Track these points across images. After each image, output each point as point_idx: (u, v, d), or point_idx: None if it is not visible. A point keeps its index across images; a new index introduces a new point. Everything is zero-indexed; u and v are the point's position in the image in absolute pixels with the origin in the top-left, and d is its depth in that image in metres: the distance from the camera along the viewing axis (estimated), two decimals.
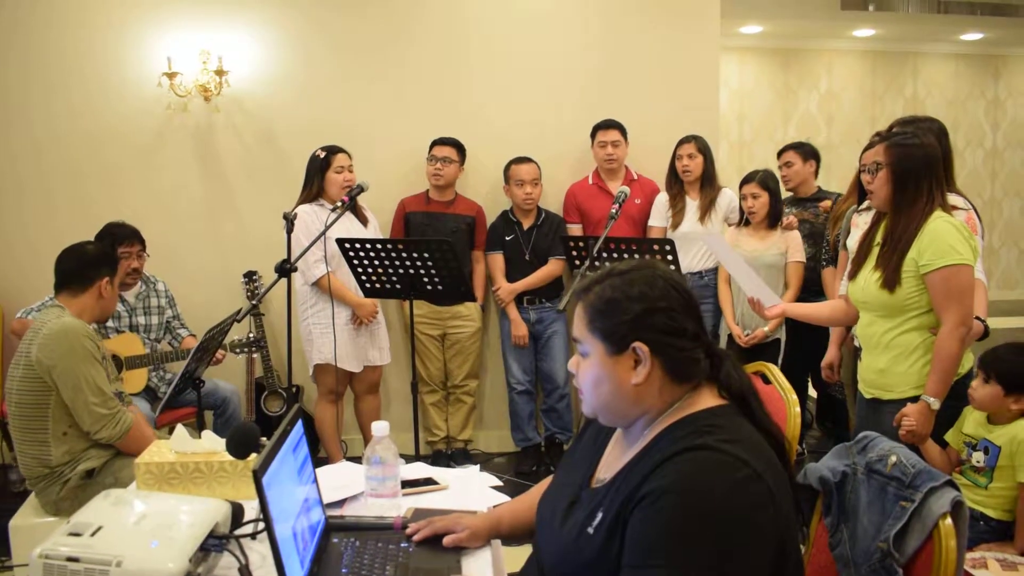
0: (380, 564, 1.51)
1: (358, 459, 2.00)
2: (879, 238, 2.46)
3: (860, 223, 3.02)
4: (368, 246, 3.24)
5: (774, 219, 3.83)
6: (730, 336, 3.88)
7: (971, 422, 2.52)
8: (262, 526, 1.60)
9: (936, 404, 2.34)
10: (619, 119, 4.21)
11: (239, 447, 1.79)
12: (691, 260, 4.04)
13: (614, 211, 3.24)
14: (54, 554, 1.32)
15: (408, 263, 3.24)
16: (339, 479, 1.96)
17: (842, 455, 1.67)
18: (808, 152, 4.22)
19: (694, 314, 1.32)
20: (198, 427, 3.50)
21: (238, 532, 1.57)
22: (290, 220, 3.33)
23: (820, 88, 8.79)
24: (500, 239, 4.22)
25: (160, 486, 1.91)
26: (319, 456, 3.96)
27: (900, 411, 2.40)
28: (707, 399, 1.31)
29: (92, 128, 4.18)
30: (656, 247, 3.31)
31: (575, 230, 4.25)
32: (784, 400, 1.91)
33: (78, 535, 1.36)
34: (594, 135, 4.24)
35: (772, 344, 3.82)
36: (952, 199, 2.53)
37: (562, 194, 4.36)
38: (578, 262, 3.46)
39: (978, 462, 2.45)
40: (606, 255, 3.24)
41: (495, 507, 1.78)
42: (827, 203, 4.09)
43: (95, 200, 4.17)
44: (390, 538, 1.62)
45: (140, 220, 3.71)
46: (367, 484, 1.80)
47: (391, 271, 3.28)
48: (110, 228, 3.56)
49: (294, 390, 4.10)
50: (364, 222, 3.88)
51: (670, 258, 3.21)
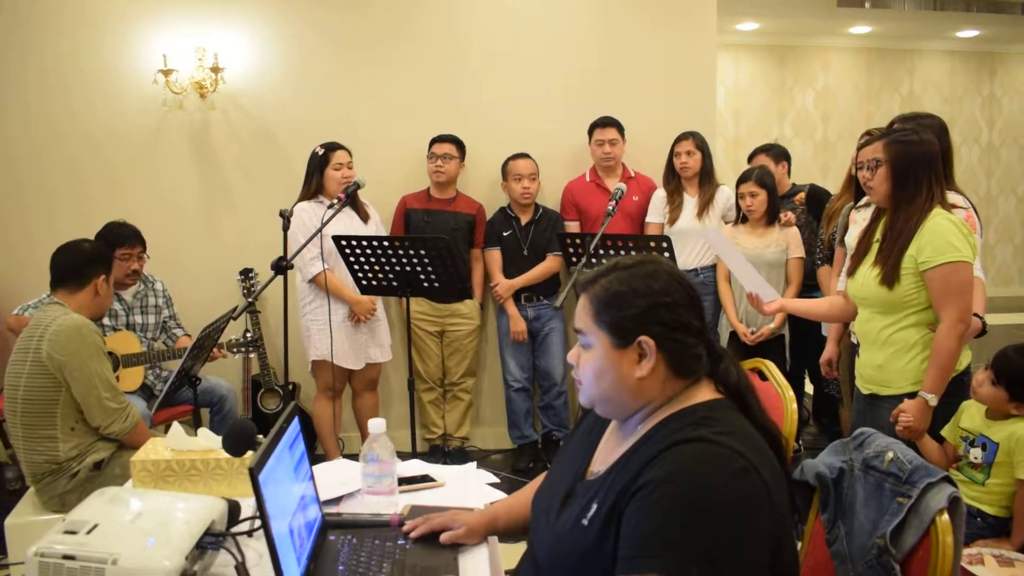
0: (377, 561, 1.51)
1: (355, 456, 2.00)
2: (879, 234, 2.46)
3: (859, 219, 3.02)
4: (364, 243, 3.23)
5: (772, 216, 3.83)
6: (732, 333, 3.87)
7: (968, 417, 2.52)
8: (258, 523, 1.59)
9: (933, 400, 2.35)
10: (616, 116, 4.21)
11: (235, 445, 1.79)
12: (687, 257, 4.03)
13: (611, 208, 3.25)
14: (50, 552, 1.31)
15: (404, 260, 3.23)
16: (336, 476, 1.96)
17: (839, 451, 1.66)
18: (779, 153, 4.28)
19: (697, 310, 1.33)
20: (194, 425, 3.48)
21: (234, 530, 1.57)
22: (287, 217, 3.32)
23: (816, 85, 8.78)
24: (498, 235, 4.22)
25: (156, 484, 1.91)
26: (316, 453, 3.96)
27: (897, 407, 2.40)
28: (704, 393, 1.32)
29: (88, 125, 4.17)
30: (653, 244, 3.31)
31: (572, 227, 4.25)
32: (781, 397, 1.92)
33: (74, 533, 1.36)
34: (591, 133, 4.23)
35: (776, 340, 3.81)
36: (952, 198, 2.52)
37: (560, 191, 4.36)
38: (575, 259, 3.46)
39: (975, 458, 2.46)
40: (603, 252, 3.24)
41: (491, 504, 1.78)
42: (801, 195, 4.14)
43: (91, 197, 4.16)
44: (387, 535, 1.61)
45: (136, 217, 3.69)
46: (364, 481, 1.80)
47: (387, 268, 3.28)
48: (111, 228, 3.52)
49: (290, 387, 4.10)
50: (365, 218, 3.87)
51: (667, 255, 3.21)
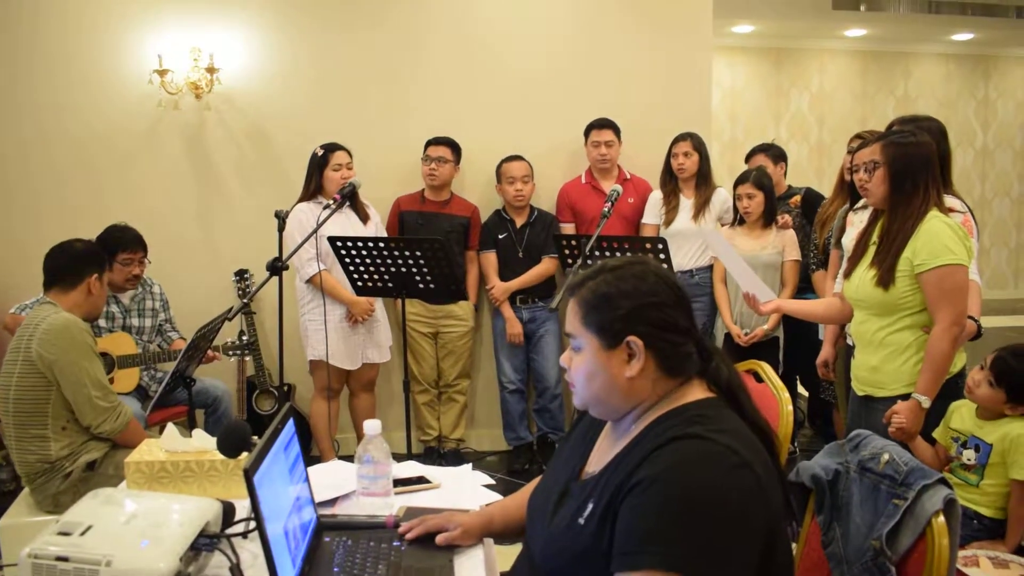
0: (372, 563, 1.51)
1: (350, 458, 2.00)
2: (875, 237, 2.46)
3: (856, 221, 3.02)
4: (360, 244, 3.23)
5: (769, 218, 3.83)
6: (727, 335, 3.87)
7: (959, 418, 2.52)
8: (253, 525, 1.59)
9: (927, 403, 2.35)
10: (612, 118, 4.21)
11: (230, 446, 1.78)
12: (683, 258, 4.03)
13: (607, 210, 3.25)
14: (43, 553, 1.31)
15: (400, 262, 3.23)
16: (331, 478, 1.95)
17: (835, 453, 1.67)
18: (777, 154, 4.27)
19: (685, 309, 1.34)
20: (189, 426, 3.48)
21: (229, 531, 1.56)
22: (282, 218, 3.32)
23: (812, 88, 8.80)
24: (493, 238, 4.22)
25: (150, 485, 1.90)
26: (311, 455, 3.95)
27: (890, 408, 2.41)
28: (696, 392, 1.33)
29: (83, 125, 4.15)
30: (648, 245, 3.31)
31: (568, 229, 4.25)
32: (777, 398, 1.92)
33: (67, 534, 1.35)
34: (587, 134, 4.23)
35: (771, 342, 3.81)
36: (949, 201, 2.53)
37: (555, 193, 4.36)
38: (571, 260, 3.46)
39: (968, 460, 2.46)
40: (599, 254, 3.24)
41: (487, 506, 1.77)
42: (796, 198, 4.13)
43: (86, 197, 4.14)
44: (382, 537, 1.61)
45: (131, 218, 3.68)
46: (359, 483, 1.79)
47: (383, 269, 3.27)
48: (113, 232, 3.50)
49: (286, 389, 4.09)
50: (365, 219, 3.87)
51: (662, 256, 3.21)
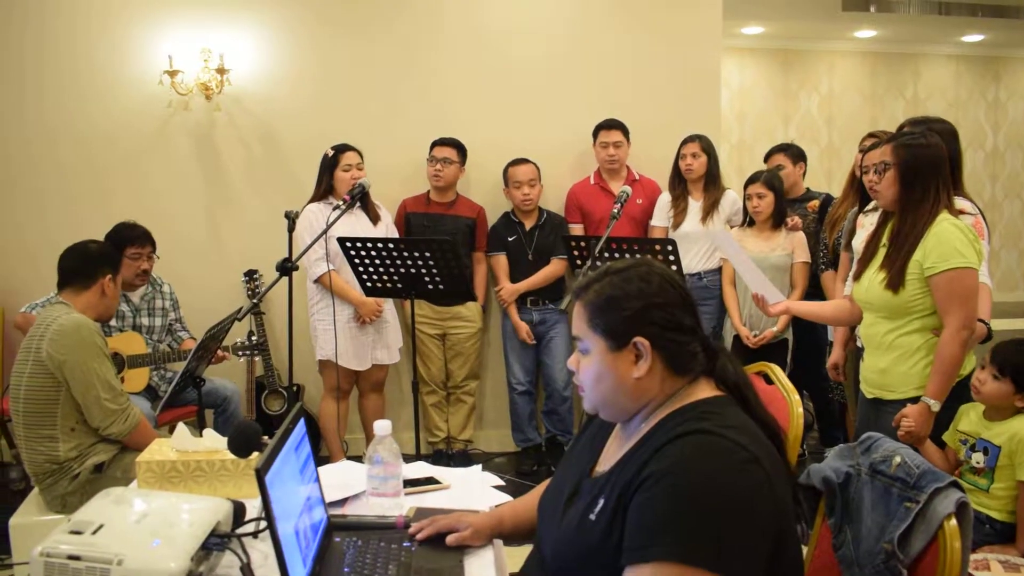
0: (383, 563, 1.51)
1: (359, 459, 2.00)
2: (885, 239, 2.46)
3: (866, 224, 3.01)
4: (369, 245, 3.24)
5: (779, 219, 3.81)
6: (736, 337, 3.86)
7: (967, 420, 2.51)
8: (264, 525, 1.59)
9: (936, 406, 2.34)
10: (621, 119, 4.20)
11: (241, 446, 1.78)
12: (691, 261, 4.01)
13: (616, 211, 3.25)
14: (55, 552, 1.31)
15: (409, 262, 3.23)
16: (341, 478, 1.96)
17: (846, 456, 1.66)
18: (797, 154, 4.22)
19: (690, 309, 1.35)
20: (199, 426, 3.49)
21: (240, 531, 1.56)
22: (292, 219, 3.33)
23: (821, 89, 8.77)
24: (502, 240, 4.21)
25: (161, 485, 1.91)
26: (320, 455, 3.96)
27: (900, 412, 2.40)
28: (704, 390, 1.34)
29: (93, 126, 4.17)
30: (658, 247, 3.30)
31: (577, 230, 4.24)
32: (786, 400, 1.91)
33: (79, 533, 1.35)
34: (596, 135, 4.23)
35: (780, 344, 3.80)
36: (960, 203, 2.52)
37: (564, 194, 4.36)
38: (580, 262, 3.46)
39: (977, 463, 2.45)
40: (608, 255, 3.23)
41: (497, 506, 1.78)
42: (815, 203, 4.07)
43: (96, 197, 4.16)
44: (392, 537, 1.61)
45: (141, 217, 3.69)
46: (369, 483, 1.79)
47: (392, 270, 3.28)
48: (121, 228, 3.53)
49: (295, 389, 4.10)
50: (375, 220, 3.87)
51: (672, 258, 3.20)
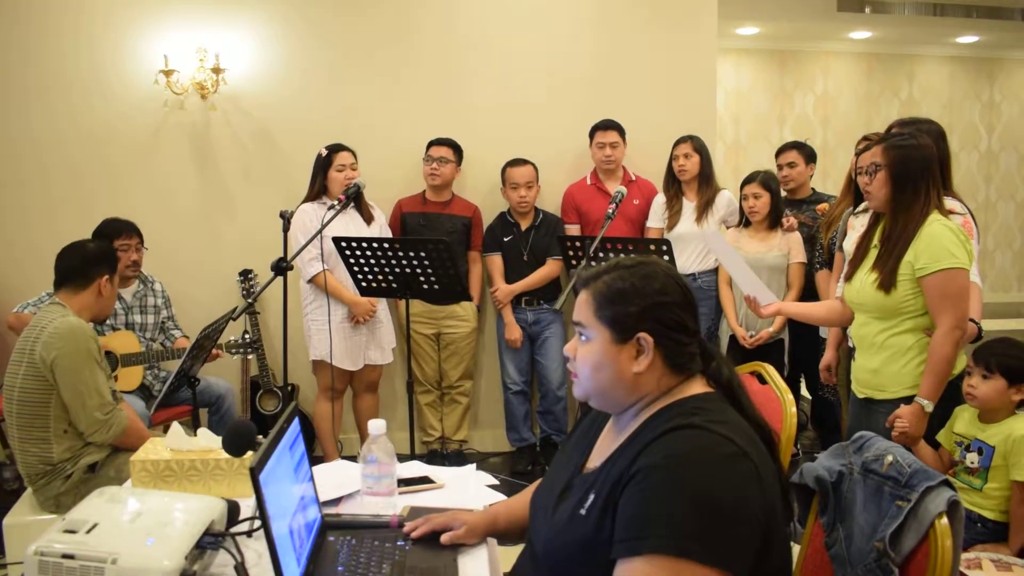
0: (376, 562, 1.51)
1: (354, 458, 2.00)
2: (876, 240, 2.46)
3: (856, 225, 3.02)
4: (364, 245, 3.24)
5: (775, 220, 3.82)
6: (732, 337, 3.87)
7: (962, 422, 2.52)
8: (258, 524, 1.59)
9: (930, 407, 2.35)
10: (617, 120, 4.21)
11: (235, 445, 1.79)
12: (686, 261, 4.03)
13: (611, 211, 3.26)
14: (49, 551, 1.31)
15: (404, 262, 3.24)
16: (335, 477, 1.96)
17: (838, 454, 1.67)
18: (810, 154, 4.20)
19: (693, 311, 1.38)
20: (193, 425, 3.48)
21: (234, 530, 1.57)
22: (287, 219, 3.33)
23: (816, 90, 8.79)
24: (498, 240, 4.22)
25: (156, 484, 1.91)
26: (314, 455, 3.96)
27: (893, 412, 2.40)
28: (697, 387, 1.36)
29: (89, 125, 4.17)
30: (653, 247, 3.31)
31: (573, 230, 4.25)
32: (780, 400, 1.92)
33: (73, 532, 1.36)
34: (592, 135, 4.23)
35: (776, 344, 3.80)
36: (949, 203, 2.53)
37: (560, 195, 4.36)
38: (575, 262, 3.47)
39: (972, 463, 2.46)
40: (603, 255, 3.24)
41: (491, 505, 1.78)
42: (825, 205, 4.06)
43: (92, 197, 4.16)
44: (386, 536, 1.61)
45: (136, 217, 3.70)
46: (363, 482, 1.80)
47: (387, 270, 3.28)
48: (107, 222, 3.57)
49: (289, 389, 4.10)
50: (369, 220, 3.87)
51: (667, 259, 3.21)
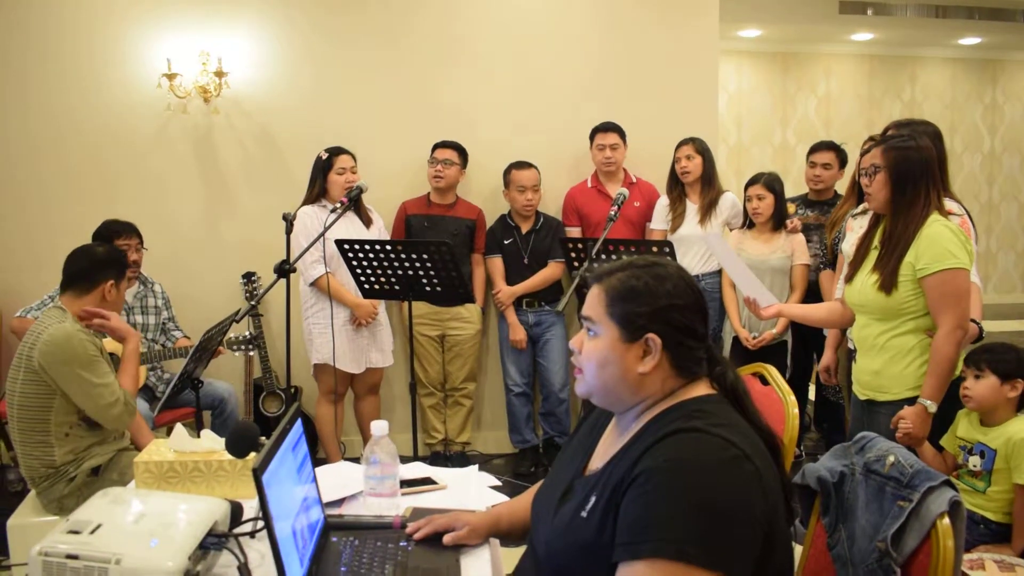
0: (379, 563, 1.52)
1: (356, 460, 2.01)
2: (876, 241, 2.47)
3: (856, 227, 3.02)
4: (367, 247, 3.24)
5: (778, 221, 3.81)
6: (735, 339, 3.86)
7: (964, 425, 2.53)
8: (261, 525, 1.60)
9: (933, 407, 2.35)
10: (618, 122, 4.21)
11: (239, 446, 1.79)
12: (689, 263, 4.01)
13: (613, 213, 3.26)
14: (53, 551, 1.32)
15: (407, 264, 3.24)
16: (338, 478, 1.96)
17: (840, 455, 1.67)
18: (844, 159, 4.12)
19: (703, 315, 1.37)
20: (197, 427, 3.50)
21: (237, 531, 1.57)
22: (289, 221, 3.33)
23: (818, 92, 8.79)
24: (499, 243, 4.22)
25: (159, 485, 1.91)
26: (317, 457, 3.96)
27: (897, 414, 2.40)
28: (700, 389, 1.35)
29: (92, 129, 4.18)
30: (655, 249, 3.32)
31: (574, 233, 4.24)
32: (782, 402, 1.92)
33: (77, 533, 1.36)
34: (593, 138, 4.23)
35: (779, 346, 3.79)
36: (947, 204, 2.53)
37: (561, 197, 4.36)
38: (576, 264, 3.47)
39: (975, 466, 2.46)
40: (604, 257, 3.24)
41: (493, 506, 1.78)
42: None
43: (94, 200, 4.16)
44: (389, 537, 1.62)
45: (139, 220, 3.71)
46: (366, 483, 1.80)
47: (390, 272, 3.28)
48: (106, 224, 3.58)
49: (292, 391, 4.10)
50: (367, 223, 3.88)
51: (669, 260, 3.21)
